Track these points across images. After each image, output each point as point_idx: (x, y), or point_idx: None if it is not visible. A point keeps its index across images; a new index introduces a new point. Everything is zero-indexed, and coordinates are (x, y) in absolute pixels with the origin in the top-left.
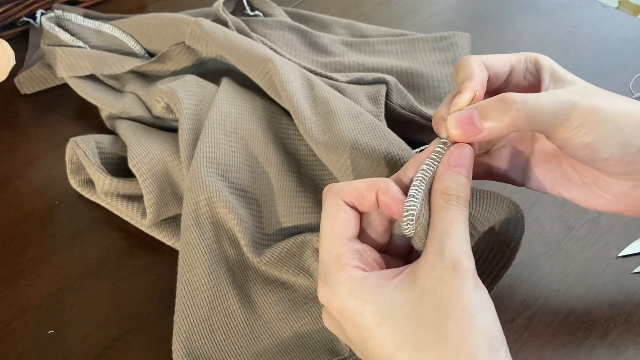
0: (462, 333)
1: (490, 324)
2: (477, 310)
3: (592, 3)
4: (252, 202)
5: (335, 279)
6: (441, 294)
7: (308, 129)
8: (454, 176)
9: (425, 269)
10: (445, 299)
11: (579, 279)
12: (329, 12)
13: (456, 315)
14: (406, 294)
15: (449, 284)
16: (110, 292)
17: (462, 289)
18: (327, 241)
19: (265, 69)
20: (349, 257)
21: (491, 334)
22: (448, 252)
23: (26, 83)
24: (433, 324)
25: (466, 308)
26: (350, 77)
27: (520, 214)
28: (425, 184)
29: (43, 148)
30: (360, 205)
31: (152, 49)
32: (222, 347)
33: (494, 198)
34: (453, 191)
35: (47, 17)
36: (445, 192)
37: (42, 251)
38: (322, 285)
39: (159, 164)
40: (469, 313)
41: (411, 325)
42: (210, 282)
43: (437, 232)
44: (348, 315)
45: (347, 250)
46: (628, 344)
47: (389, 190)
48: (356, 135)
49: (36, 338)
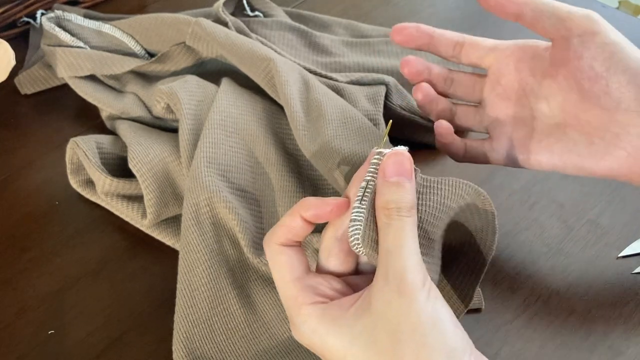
0: (415, 355)
1: (445, 337)
2: (428, 328)
3: (592, 3)
4: (252, 202)
5: (298, 320)
6: (390, 317)
7: (300, 136)
8: (391, 188)
9: (375, 292)
10: (394, 322)
11: (579, 279)
12: (329, 12)
13: (407, 337)
14: (362, 321)
15: (396, 306)
16: (110, 292)
17: (410, 307)
18: (280, 287)
19: (266, 68)
20: (302, 296)
21: (448, 347)
22: (391, 273)
23: (26, 83)
24: (388, 349)
25: (415, 328)
26: (349, 77)
27: (482, 195)
28: (367, 201)
29: (43, 148)
30: (295, 236)
31: (152, 49)
32: (222, 347)
33: (448, 185)
34: (392, 204)
35: (47, 17)
36: (385, 207)
37: (42, 251)
38: (292, 326)
39: (159, 164)
40: (420, 332)
41: (370, 353)
42: (210, 282)
43: (382, 251)
44: (319, 350)
45: (299, 289)
46: (628, 344)
47: (307, 205)
48: (341, 141)
49: (36, 338)
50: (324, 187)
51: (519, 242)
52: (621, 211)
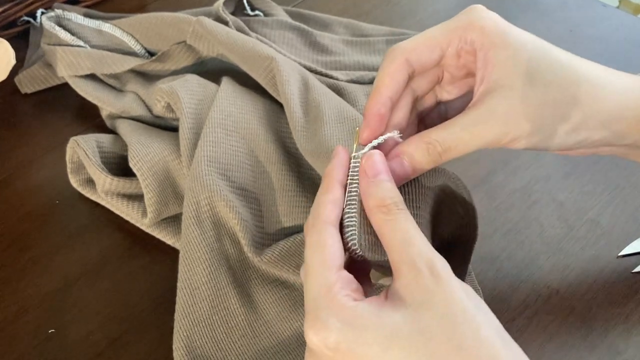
0: (473, 336)
1: (489, 315)
2: (473, 308)
3: (592, 2)
4: (253, 201)
5: (327, 312)
6: (435, 303)
7: (298, 135)
8: (380, 185)
9: (407, 286)
10: (441, 307)
11: (579, 279)
12: (329, 11)
13: (459, 320)
14: (402, 314)
15: (439, 292)
16: (110, 292)
17: (452, 291)
18: (315, 271)
19: (268, 67)
20: (340, 286)
21: (495, 325)
22: (420, 262)
23: (26, 82)
24: (440, 335)
25: (465, 309)
26: (350, 75)
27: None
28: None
29: (43, 148)
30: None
31: (152, 48)
32: (223, 346)
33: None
34: (389, 200)
35: (47, 16)
36: (382, 204)
37: (42, 251)
38: (312, 322)
39: (159, 162)
40: (470, 313)
41: (420, 343)
42: (211, 281)
43: (397, 246)
44: (347, 349)
45: (337, 278)
46: (628, 343)
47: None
48: (337, 141)
49: (36, 338)
50: None
51: (519, 241)
52: (621, 211)
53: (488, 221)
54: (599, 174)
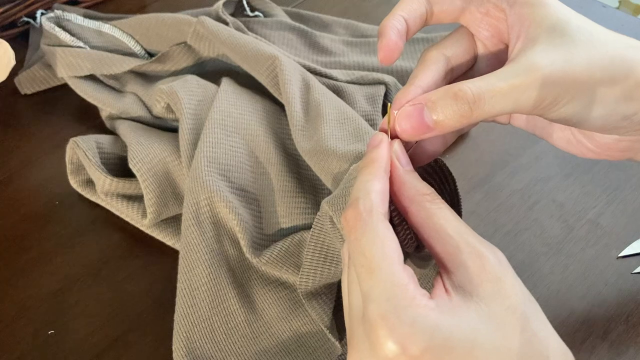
0: (543, 322)
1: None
2: (529, 295)
3: (592, 3)
4: (252, 202)
5: (411, 313)
6: (507, 290)
7: (297, 135)
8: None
9: (476, 277)
10: (512, 297)
11: (579, 279)
12: (329, 11)
13: (532, 308)
14: (475, 310)
15: (508, 278)
16: (110, 292)
17: (514, 280)
18: (383, 269)
19: (270, 66)
20: (414, 285)
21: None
22: (483, 249)
23: (26, 83)
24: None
25: (528, 298)
26: (349, 75)
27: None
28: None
29: (43, 148)
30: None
31: (152, 49)
32: (222, 347)
33: None
34: (425, 189)
35: (46, 17)
36: (423, 193)
37: (42, 251)
38: (392, 326)
39: (159, 163)
40: (531, 300)
41: (497, 340)
42: (211, 282)
43: (452, 235)
44: (439, 352)
45: (409, 276)
46: (628, 343)
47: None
48: (336, 140)
49: (36, 338)
50: (323, 187)
51: (519, 242)
52: (621, 211)
53: (488, 222)
54: (599, 174)
